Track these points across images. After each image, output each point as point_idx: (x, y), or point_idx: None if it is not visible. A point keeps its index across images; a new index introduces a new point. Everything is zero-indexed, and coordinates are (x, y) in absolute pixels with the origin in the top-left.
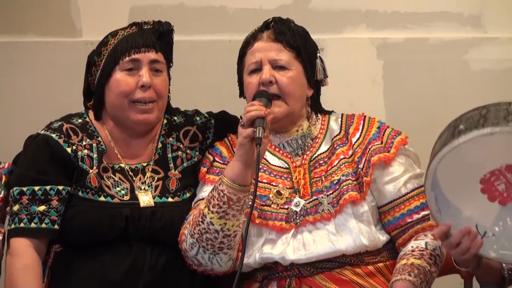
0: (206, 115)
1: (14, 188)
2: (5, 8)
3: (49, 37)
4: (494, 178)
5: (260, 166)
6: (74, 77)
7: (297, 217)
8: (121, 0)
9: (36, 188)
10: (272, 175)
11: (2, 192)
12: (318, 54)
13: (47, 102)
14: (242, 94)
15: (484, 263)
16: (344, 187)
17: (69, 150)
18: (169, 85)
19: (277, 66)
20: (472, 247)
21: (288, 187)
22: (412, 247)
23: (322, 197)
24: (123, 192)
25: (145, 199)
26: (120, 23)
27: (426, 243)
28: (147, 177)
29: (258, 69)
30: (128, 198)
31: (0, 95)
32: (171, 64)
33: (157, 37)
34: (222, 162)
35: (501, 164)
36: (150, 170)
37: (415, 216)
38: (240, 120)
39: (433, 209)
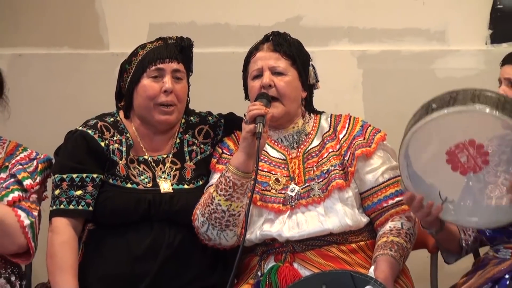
0: (217, 116)
1: (56, 175)
2: (44, 25)
3: (81, 49)
4: (458, 151)
5: (261, 157)
6: (102, 83)
7: (292, 201)
8: (142, 18)
9: (74, 175)
10: (271, 165)
11: (39, 178)
12: (310, 62)
13: (79, 104)
14: (247, 96)
15: (446, 230)
16: (332, 176)
17: (102, 144)
18: (188, 91)
19: (275, 72)
20: (432, 211)
21: (285, 175)
22: (390, 227)
23: (313, 184)
24: (146, 180)
25: (165, 186)
26: (141, 38)
27: (401, 223)
28: (167, 167)
29: (259, 75)
30: (150, 185)
31: (40, 98)
32: (190, 73)
33: (179, 50)
34: (229, 153)
35: (465, 139)
36: (169, 161)
37: (390, 202)
38: (244, 118)
39: (404, 175)
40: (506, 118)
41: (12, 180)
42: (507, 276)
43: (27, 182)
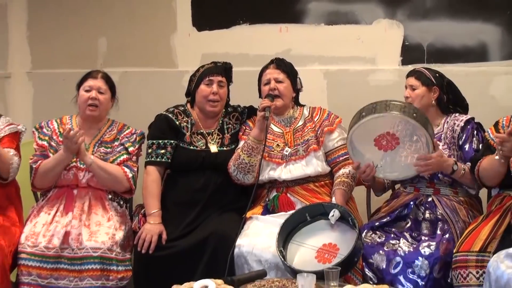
0: (243, 107)
1: (149, 140)
2: (140, 53)
3: (161, 68)
4: (380, 138)
5: (268, 131)
6: (173, 88)
7: (286, 157)
8: (197, 50)
9: (160, 141)
10: (274, 136)
11: (137, 145)
12: (298, 76)
13: (159, 101)
14: (260, 95)
15: (376, 181)
16: (310, 143)
17: (177, 123)
18: (228, 92)
19: (277, 81)
20: (371, 172)
21: (282, 142)
22: (342, 172)
23: (299, 147)
24: (201, 144)
25: (213, 148)
26: (197, 61)
27: (349, 170)
28: (214, 137)
29: (268, 82)
30: (204, 147)
31: (137, 97)
32: (231, 83)
33: (223, 69)
34: (249, 129)
35: (384, 131)
36: (216, 133)
37: (341, 158)
38: (258, 108)
39: (351, 154)
40: (406, 117)
41: (122, 147)
42: (411, 203)
43: (130, 149)
